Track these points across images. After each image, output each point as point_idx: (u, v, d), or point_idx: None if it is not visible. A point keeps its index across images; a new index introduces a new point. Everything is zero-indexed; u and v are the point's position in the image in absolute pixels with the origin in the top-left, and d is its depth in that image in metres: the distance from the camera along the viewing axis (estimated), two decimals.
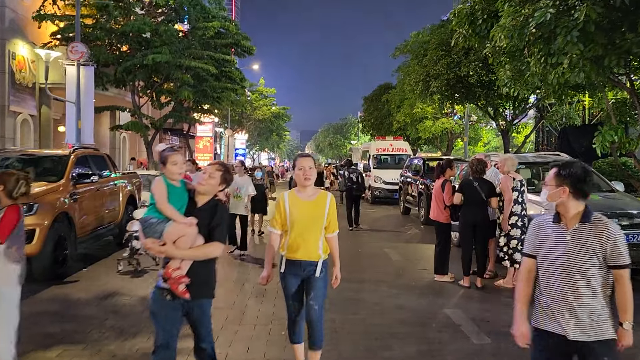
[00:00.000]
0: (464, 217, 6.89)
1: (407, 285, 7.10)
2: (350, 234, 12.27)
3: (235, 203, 9.01)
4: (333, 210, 3.83)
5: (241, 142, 56.56)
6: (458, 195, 6.91)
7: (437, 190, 7.31)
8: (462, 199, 6.87)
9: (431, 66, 16.53)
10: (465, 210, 6.86)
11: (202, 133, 36.56)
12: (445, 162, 7.47)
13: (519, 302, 2.74)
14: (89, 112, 15.52)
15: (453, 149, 28.19)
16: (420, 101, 19.57)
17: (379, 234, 12.33)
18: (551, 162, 8.86)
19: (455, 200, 6.95)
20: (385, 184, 20.32)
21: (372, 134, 34.49)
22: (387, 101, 27.72)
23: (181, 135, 41.29)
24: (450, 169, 7.36)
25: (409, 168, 16.34)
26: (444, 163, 7.46)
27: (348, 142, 73.00)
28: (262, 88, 51.26)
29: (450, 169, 7.35)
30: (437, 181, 7.40)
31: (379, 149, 22.09)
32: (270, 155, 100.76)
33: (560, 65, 9.03)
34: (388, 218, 15.73)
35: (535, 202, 7.21)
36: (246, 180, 9.26)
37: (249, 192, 9.04)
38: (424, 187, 13.88)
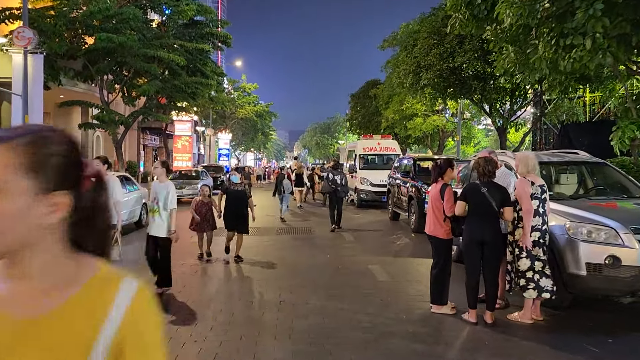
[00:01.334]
0: (469, 232, 5.34)
1: (396, 319, 5.53)
2: (330, 243, 10.72)
3: (153, 220, 6.40)
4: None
5: (225, 142, 54.80)
6: (461, 204, 5.36)
7: (434, 197, 5.76)
8: (467, 209, 5.34)
9: (422, 57, 15.08)
10: (471, 224, 5.32)
11: (181, 132, 34.78)
12: (444, 162, 5.92)
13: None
14: (38, 106, 13.78)
15: (444, 148, 26.75)
16: (410, 96, 18.07)
17: (363, 244, 10.78)
18: (569, 161, 7.37)
19: (457, 210, 5.41)
20: (372, 186, 18.77)
21: (360, 132, 33.00)
22: (374, 97, 26.23)
23: (160, 134, 39.51)
24: (451, 170, 5.82)
25: (398, 169, 14.82)
26: (442, 162, 5.90)
27: (336, 141, 71.50)
28: (245, 84, 49.51)
29: (451, 170, 5.81)
30: (435, 185, 5.85)
31: (365, 148, 20.54)
32: (257, 155, 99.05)
33: (574, 48, 7.60)
34: (375, 224, 14.19)
35: (559, 211, 5.69)
36: (166, 187, 6.44)
37: (172, 205, 6.36)
38: (415, 191, 12.36)
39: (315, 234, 12.23)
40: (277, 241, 11.05)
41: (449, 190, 5.66)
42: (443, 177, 5.80)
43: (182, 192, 21.45)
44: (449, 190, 5.67)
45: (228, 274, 7.92)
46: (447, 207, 5.56)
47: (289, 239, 11.50)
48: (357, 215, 16.67)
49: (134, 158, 40.40)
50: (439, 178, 5.83)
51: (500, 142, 16.76)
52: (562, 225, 5.55)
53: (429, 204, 5.90)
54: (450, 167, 5.82)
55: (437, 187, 5.77)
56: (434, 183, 5.89)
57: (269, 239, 11.33)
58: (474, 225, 5.27)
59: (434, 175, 5.91)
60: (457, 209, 5.39)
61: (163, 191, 6.36)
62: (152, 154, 45.78)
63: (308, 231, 12.76)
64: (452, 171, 5.83)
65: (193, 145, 53.15)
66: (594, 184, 7.21)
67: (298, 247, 10.40)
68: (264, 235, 11.72)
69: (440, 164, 5.89)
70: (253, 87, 51.49)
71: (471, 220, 5.31)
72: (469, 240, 5.32)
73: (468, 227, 5.35)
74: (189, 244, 9.61)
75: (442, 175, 5.80)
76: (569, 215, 5.65)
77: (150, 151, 45.53)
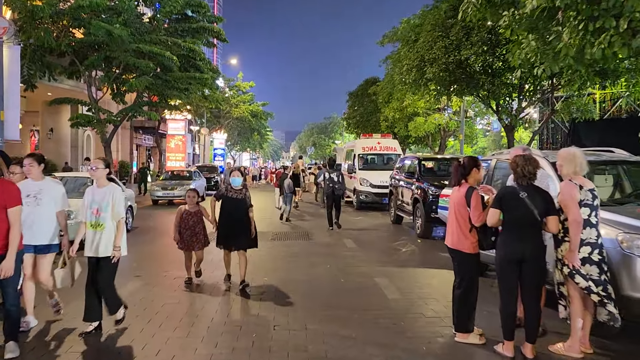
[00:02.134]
0: (505, 247, 4.39)
1: (414, 352, 4.58)
2: (330, 251, 9.76)
3: (92, 236, 4.94)
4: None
5: (220, 142, 53.79)
6: (495, 212, 4.41)
7: (458, 203, 4.81)
8: (502, 218, 4.40)
9: (425, 50, 14.14)
10: (507, 237, 4.37)
11: (174, 131, 33.75)
12: (468, 161, 4.96)
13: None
14: (14, 102, 12.75)
15: (445, 147, 25.84)
16: (412, 93, 17.12)
17: (366, 251, 9.82)
18: (607, 160, 6.45)
19: (490, 219, 4.46)
20: (372, 187, 17.85)
21: (358, 132, 32.05)
22: (374, 95, 25.29)
23: (154, 134, 38.42)
24: (477, 170, 4.88)
25: (401, 169, 13.89)
26: (466, 161, 4.94)
27: (332, 141, 70.55)
28: (240, 83, 48.48)
29: (476, 170, 4.86)
30: (458, 189, 4.90)
31: (365, 148, 19.61)
32: (253, 155, 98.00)
33: (604, 33, 6.72)
34: (377, 229, 13.24)
35: (607, 220, 4.75)
36: (111, 192, 5.00)
37: (121, 214, 4.98)
38: (421, 193, 11.43)
39: (314, 239, 11.27)
40: (272, 249, 10.08)
41: (476, 195, 4.71)
42: (467, 178, 4.85)
43: (174, 193, 20.48)
44: (476, 194, 4.72)
45: (214, 292, 6.92)
46: (475, 216, 4.62)
47: (285, 245, 10.54)
48: (357, 218, 15.73)
49: (126, 158, 39.27)
50: (462, 180, 4.88)
51: (508, 140, 15.84)
52: (613, 238, 4.62)
53: (451, 211, 4.95)
54: (476, 167, 4.87)
55: (461, 191, 4.82)
56: (457, 186, 4.95)
57: (262, 246, 10.32)
58: (511, 238, 4.32)
59: (455, 177, 4.96)
60: (489, 218, 4.45)
61: (107, 198, 4.96)
62: (145, 153, 44.72)
63: (306, 236, 11.80)
64: (477, 172, 4.89)
65: (188, 145, 52.14)
66: (636, 187, 6.29)
67: (295, 255, 9.43)
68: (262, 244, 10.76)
69: (463, 163, 4.93)
70: (249, 85, 50.44)
71: (507, 233, 4.36)
72: (505, 257, 4.37)
73: (503, 241, 4.40)
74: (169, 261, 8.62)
75: (466, 176, 4.86)
76: (620, 224, 4.72)
77: (144, 151, 44.46)
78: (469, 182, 4.84)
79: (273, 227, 13.33)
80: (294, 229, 13.05)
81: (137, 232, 12.34)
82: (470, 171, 4.85)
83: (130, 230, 12.37)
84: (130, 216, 12.68)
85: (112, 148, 38.78)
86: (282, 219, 14.58)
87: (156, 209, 18.68)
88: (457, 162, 5.04)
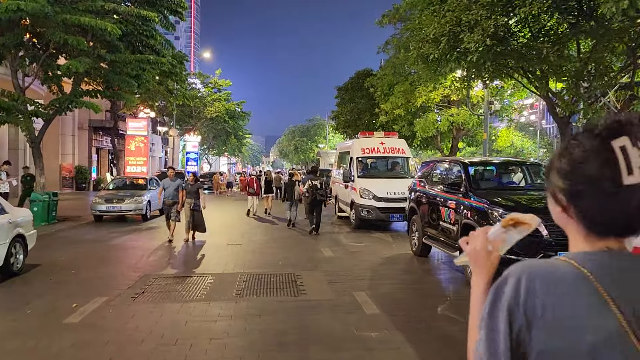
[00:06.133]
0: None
1: None
2: (332, 328, 5.45)
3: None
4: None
5: (193, 145, 49.17)
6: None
7: None
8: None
9: (462, 11, 10.01)
10: None
11: (135, 131, 29.06)
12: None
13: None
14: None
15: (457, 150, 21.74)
16: (433, 73, 12.94)
17: (399, 325, 5.55)
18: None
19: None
20: (377, 201, 13.66)
21: (348, 133, 27.86)
22: (370, 88, 21.12)
23: (116, 136, 33.52)
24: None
25: (429, 179, 9.69)
26: None
27: (315, 145, 66.27)
28: (217, 79, 43.96)
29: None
30: None
31: (365, 150, 15.39)
32: (231, 160, 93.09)
33: None
34: (391, 266, 8.98)
35: None
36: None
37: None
38: (476, 216, 7.24)
39: (307, 293, 6.94)
40: (235, 321, 5.74)
41: None
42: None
43: (121, 207, 15.96)
44: None
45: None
46: None
47: (256, 313, 6.18)
48: (360, 244, 11.49)
49: (84, 162, 34.42)
50: None
51: (561, 137, 11.84)
52: None
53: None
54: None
55: None
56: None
57: (219, 314, 6.00)
58: None
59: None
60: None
61: None
62: (108, 157, 39.80)
63: (293, 284, 7.47)
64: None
65: (157, 148, 47.31)
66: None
67: (281, 346, 5.11)
68: (215, 301, 6.40)
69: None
70: (226, 83, 45.97)
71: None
72: None
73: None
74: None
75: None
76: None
77: (106, 154, 39.53)
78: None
79: (243, 268, 9.00)
80: (273, 268, 8.71)
81: (26, 279, 7.85)
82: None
83: (19, 273, 7.92)
84: (21, 251, 8.20)
85: (68, 151, 34.33)
86: (289, 226, 14.65)
87: (93, 229, 14.14)
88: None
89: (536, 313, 0.92)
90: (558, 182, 1.01)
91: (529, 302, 0.93)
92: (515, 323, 0.94)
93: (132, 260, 9.59)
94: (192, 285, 7.30)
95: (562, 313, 0.91)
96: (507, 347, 0.93)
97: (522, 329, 0.93)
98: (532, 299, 0.93)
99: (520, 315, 0.93)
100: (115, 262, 9.43)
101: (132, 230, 13.85)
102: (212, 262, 9.22)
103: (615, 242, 0.99)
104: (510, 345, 0.93)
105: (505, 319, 0.94)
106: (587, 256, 0.98)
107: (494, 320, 0.96)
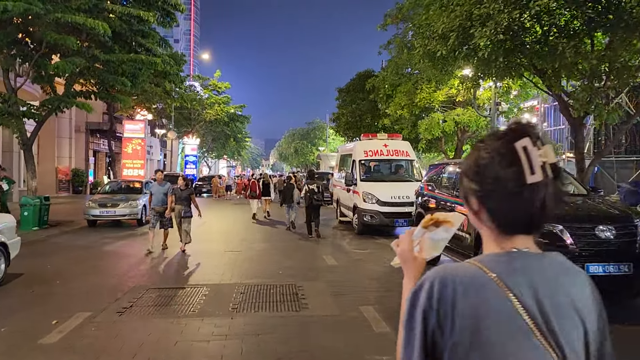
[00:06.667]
0: None
1: None
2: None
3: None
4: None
5: (192, 148, 48.69)
6: None
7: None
8: None
9: (472, 4, 9.48)
10: None
11: (131, 134, 28.48)
12: None
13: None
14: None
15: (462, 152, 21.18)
16: (440, 71, 12.39)
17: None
18: None
19: None
20: (381, 205, 13.11)
21: (349, 135, 27.32)
22: (371, 89, 20.58)
23: (113, 138, 32.96)
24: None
25: (438, 183, 9.13)
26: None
27: (315, 148, 65.72)
28: (215, 81, 43.44)
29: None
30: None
31: (368, 152, 14.85)
32: (230, 163, 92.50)
33: None
34: (399, 276, 8.38)
35: None
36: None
37: None
38: None
39: (306, 304, 6.38)
40: (231, 342, 5.18)
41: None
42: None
43: (115, 211, 15.40)
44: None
45: None
46: None
47: (254, 331, 5.62)
48: (362, 251, 10.94)
49: (81, 165, 33.87)
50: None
51: (577, 140, 11.28)
52: None
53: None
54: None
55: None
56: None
57: (213, 333, 5.44)
58: None
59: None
60: None
61: None
62: (105, 160, 39.24)
63: (292, 294, 6.90)
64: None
65: (155, 151, 46.76)
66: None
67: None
68: (209, 317, 5.84)
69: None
70: (225, 86, 45.48)
71: None
72: None
73: None
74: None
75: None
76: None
77: (103, 157, 38.98)
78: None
79: (238, 270, 8.44)
80: (273, 278, 8.14)
81: (7, 291, 7.28)
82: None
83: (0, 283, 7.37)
84: (2, 260, 7.64)
85: (64, 154, 33.76)
86: (289, 229, 14.55)
87: (85, 235, 13.58)
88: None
89: (447, 315, 0.99)
90: (469, 184, 1.07)
91: (441, 304, 1.00)
92: (429, 325, 1.01)
93: (123, 269, 9.03)
94: (185, 298, 6.74)
95: (470, 314, 0.97)
96: (421, 346, 1.00)
97: (435, 329, 1.00)
98: (443, 302, 1.00)
99: (433, 317, 1.01)
100: (105, 271, 8.86)
101: (126, 236, 13.30)
102: (208, 271, 8.67)
103: (523, 241, 1.05)
104: (424, 344, 1.01)
105: (421, 321, 1.02)
106: (495, 258, 1.04)
107: (411, 322, 1.04)
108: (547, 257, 1.05)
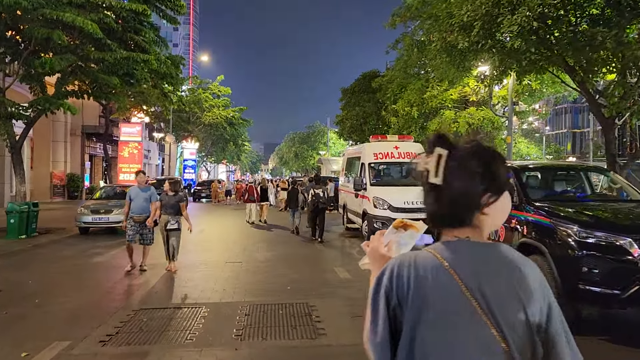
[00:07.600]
0: None
1: None
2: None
3: None
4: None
5: (191, 152, 47.86)
6: None
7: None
8: None
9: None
10: None
11: (128, 137, 27.59)
12: None
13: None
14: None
15: None
16: (455, 72, 11.50)
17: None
18: None
19: None
20: (393, 211, 12.19)
21: (353, 138, 26.41)
22: (378, 89, 19.68)
23: (109, 142, 32.05)
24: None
25: None
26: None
27: (316, 152, 64.83)
28: (216, 84, 42.60)
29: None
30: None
31: (377, 155, 13.94)
32: (230, 167, 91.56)
33: None
34: None
35: None
36: None
37: None
38: (534, 231, 5.78)
39: (322, 328, 5.45)
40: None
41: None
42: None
43: (108, 218, 14.46)
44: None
45: None
46: None
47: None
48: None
49: (77, 170, 32.91)
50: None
51: (606, 141, 10.40)
52: None
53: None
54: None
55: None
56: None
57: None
58: None
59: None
60: None
61: None
62: (102, 165, 38.30)
63: (304, 315, 5.97)
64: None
65: (153, 155, 45.85)
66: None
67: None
68: (209, 348, 4.90)
69: None
70: (226, 90, 44.64)
71: None
72: None
73: None
74: None
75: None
76: None
77: (100, 162, 38.03)
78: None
79: (241, 285, 7.50)
80: (281, 296, 7.20)
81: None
82: None
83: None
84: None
85: (59, 158, 32.81)
86: (293, 233, 14.73)
87: (75, 244, 12.64)
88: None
89: (404, 293, 1.15)
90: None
91: (399, 284, 1.16)
92: (391, 303, 1.17)
93: (111, 284, 8.09)
94: (181, 322, 5.81)
95: (424, 294, 1.13)
96: (385, 321, 1.16)
97: (396, 307, 1.17)
98: (401, 284, 1.16)
99: (393, 297, 1.17)
100: (91, 287, 7.92)
101: (118, 245, 12.35)
102: (207, 287, 7.73)
103: (460, 232, 1.19)
104: (387, 319, 1.17)
105: (384, 300, 1.18)
106: (443, 245, 1.18)
107: (376, 302, 1.19)
108: (491, 247, 1.18)
